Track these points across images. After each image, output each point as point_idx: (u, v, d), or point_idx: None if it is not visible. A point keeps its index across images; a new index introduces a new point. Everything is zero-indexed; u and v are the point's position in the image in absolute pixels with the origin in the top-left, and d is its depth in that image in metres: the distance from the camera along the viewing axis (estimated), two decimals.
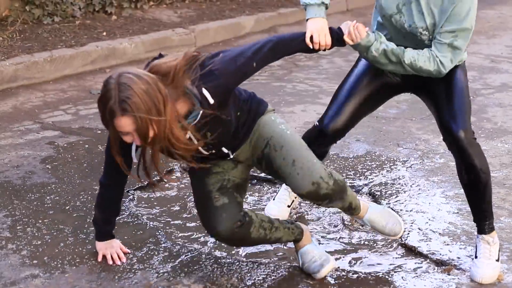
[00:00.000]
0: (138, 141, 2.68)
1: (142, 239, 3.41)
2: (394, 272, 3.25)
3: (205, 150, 2.96)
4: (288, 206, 3.69)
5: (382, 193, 3.98)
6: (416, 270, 3.28)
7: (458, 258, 3.36)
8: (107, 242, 3.22)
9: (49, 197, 3.78)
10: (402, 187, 4.07)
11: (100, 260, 3.18)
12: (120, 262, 3.18)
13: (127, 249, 3.27)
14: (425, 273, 3.25)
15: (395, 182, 4.12)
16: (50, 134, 4.65)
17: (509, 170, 4.32)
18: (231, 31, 7.26)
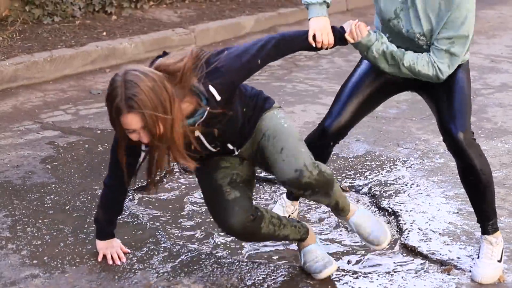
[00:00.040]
0: (145, 138, 2.67)
1: (142, 239, 3.40)
2: (394, 272, 3.25)
3: (212, 147, 2.96)
4: None
5: (382, 193, 3.97)
6: (416, 270, 3.28)
7: (458, 258, 3.36)
8: (108, 241, 3.22)
9: (49, 197, 3.78)
10: (402, 187, 4.06)
11: (100, 259, 3.18)
12: (120, 262, 3.18)
13: (127, 249, 3.28)
14: (425, 273, 3.25)
15: (395, 182, 4.12)
16: (50, 134, 4.65)
17: (509, 170, 4.32)
18: (231, 31, 7.26)
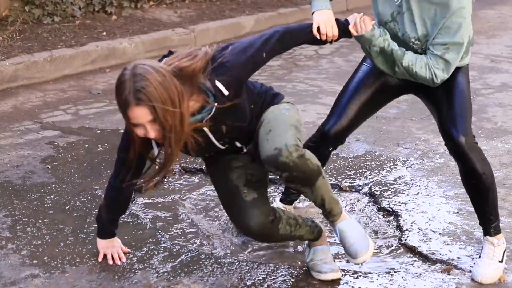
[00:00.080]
0: (152, 134, 2.64)
1: (142, 239, 3.40)
2: (394, 272, 3.25)
3: (221, 145, 2.94)
4: None
5: (382, 193, 3.97)
6: (416, 270, 3.28)
7: (458, 258, 3.36)
8: (109, 240, 3.22)
9: (49, 197, 3.78)
10: (402, 187, 4.06)
11: (101, 259, 3.18)
12: (120, 262, 3.18)
13: (127, 248, 3.28)
14: (425, 273, 3.25)
15: (395, 182, 4.12)
16: (50, 134, 4.65)
17: (509, 170, 4.32)
18: (231, 31, 7.26)
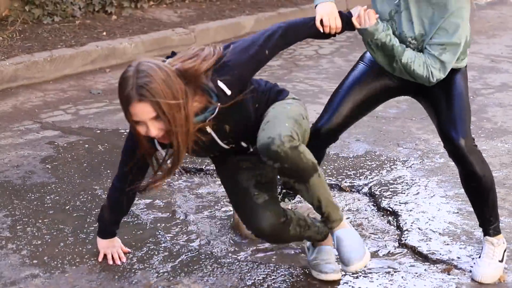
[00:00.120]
0: (154, 132, 2.62)
1: (142, 239, 3.40)
2: (394, 272, 3.25)
3: (225, 144, 2.93)
4: None
5: (382, 193, 3.97)
6: (416, 270, 3.27)
7: (458, 258, 3.36)
8: (109, 240, 3.22)
9: (49, 197, 3.78)
10: (402, 187, 4.06)
11: (101, 259, 3.18)
12: (120, 262, 3.18)
13: (127, 248, 3.28)
14: (425, 273, 3.25)
15: (395, 182, 4.12)
16: (50, 134, 4.65)
17: (509, 170, 4.32)
18: (231, 31, 7.26)
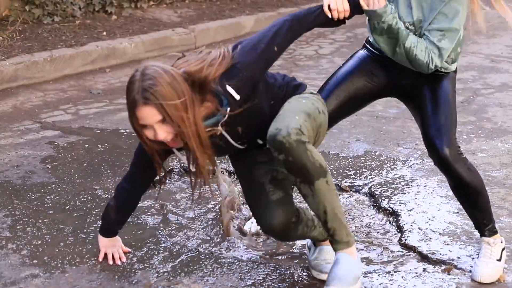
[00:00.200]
0: (162, 135, 2.61)
1: (142, 239, 3.40)
2: (394, 272, 3.25)
3: (239, 145, 2.91)
4: None
5: (382, 193, 3.97)
6: (416, 270, 3.27)
7: (458, 258, 3.36)
8: (111, 239, 3.21)
9: (49, 197, 3.78)
10: (402, 187, 4.06)
11: (101, 258, 3.19)
12: (120, 262, 3.18)
13: (127, 248, 3.27)
14: (425, 273, 3.25)
15: (395, 182, 4.12)
16: (50, 134, 4.65)
17: (509, 170, 4.32)
18: (231, 31, 7.26)
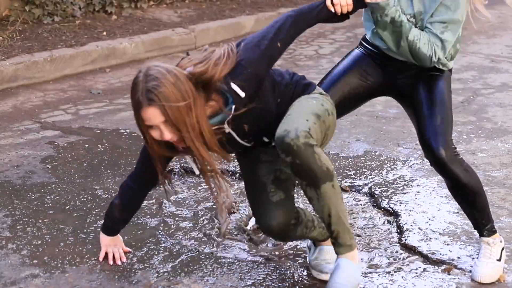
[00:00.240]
0: (168, 135, 2.62)
1: (142, 239, 3.40)
2: (394, 272, 3.25)
3: (246, 142, 2.91)
4: None
5: (382, 193, 3.97)
6: (416, 270, 3.28)
7: (458, 258, 3.36)
8: (113, 238, 3.21)
9: (49, 197, 3.78)
10: (402, 187, 4.06)
11: (102, 257, 3.19)
12: (120, 262, 3.18)
13: (128, 248, 3.27)
14: (425, 273, 3.25)
15: (395, 182, 4.12)
16: (50, 134, 4.65)
17: (509, 170, 4.32)
18: (231, 31, 7.26)
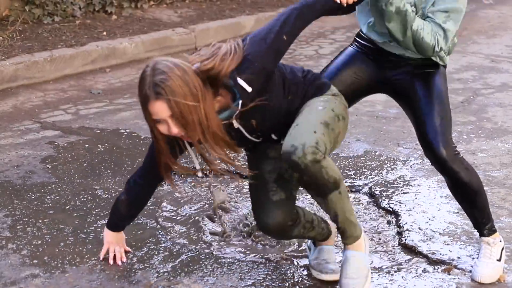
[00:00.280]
0: (175, 130, 2.61)
1: (142, 239, 3.40)
2: (394, 272, 3.25)
3: (254, 138, 2.90)
4: None
5: (382, 193, 3.97)
6: (416, 270, 3.28)
7: (458, 258, 3.36)
8: (117, 234, 3.20)
9: (49, 196, 3.78)
10: (402, 187, 4.06)
11: (103, 254, 3.19)
12: (120, 263, 3.18)
13: (128, 248, 3.27)
14: (425, 273, 3.25)
15: (395, 182, 4.12)
16: (50, 134, 4.65)
17: (509, 170, 4.32)
18: (231, 31, 7.26)
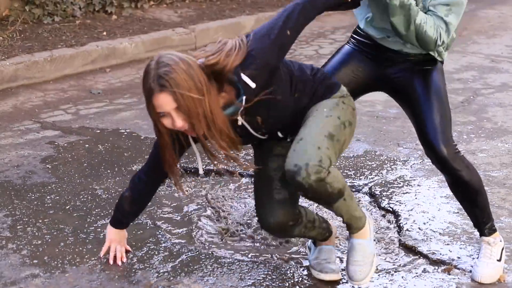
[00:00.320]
0: (180, 123, 2.60)
1: (142, 239, 3.41)
2: (394, 272, 3.25)
3: (260, 135, 2.88)
4: None
5: (382, 193, 3.97)
6: (416, 270, 3.28)
7: (458, 258, 3.36)
8: (119, 231, 3.20)
9: (49, 196, 3.78)
10: (402, 187, 4.06)
11: (104, 251, 3.19)
12: (120, 263, 3.18)
13: (129, 247, 3.28)
14: (425, 273, 3.25)
15: (395, 182, 4.12)
16: (50, 134, 4.65)
17: (509, 170, 4.32)
18: (231, 31, 7.26)
